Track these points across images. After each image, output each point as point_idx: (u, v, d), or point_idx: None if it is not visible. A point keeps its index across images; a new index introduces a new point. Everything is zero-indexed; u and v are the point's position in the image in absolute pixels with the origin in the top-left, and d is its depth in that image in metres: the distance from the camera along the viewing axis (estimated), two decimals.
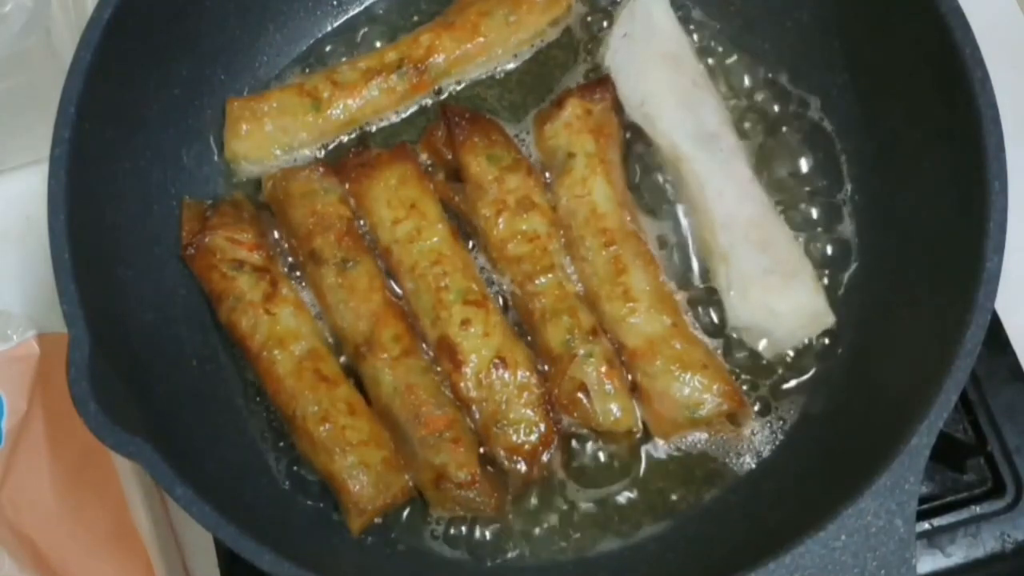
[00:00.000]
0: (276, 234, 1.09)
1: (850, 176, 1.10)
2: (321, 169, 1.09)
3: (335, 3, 1.21)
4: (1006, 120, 0.89)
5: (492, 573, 1.00)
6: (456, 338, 1.01)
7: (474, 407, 1.01)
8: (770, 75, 1.14)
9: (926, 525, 1.01)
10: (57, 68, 0.98)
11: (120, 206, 1.01)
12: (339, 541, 0.99)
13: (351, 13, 1.21)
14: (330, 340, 1.06)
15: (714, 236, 1.06)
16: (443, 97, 1.16)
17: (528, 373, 1.01)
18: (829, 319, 1.04)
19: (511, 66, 1.17)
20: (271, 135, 1.12)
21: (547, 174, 1.11)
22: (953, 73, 0.92)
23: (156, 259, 1.05)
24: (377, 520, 1.00)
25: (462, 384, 1.01)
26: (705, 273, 1.08)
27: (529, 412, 1.00)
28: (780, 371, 1.05)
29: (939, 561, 1.01)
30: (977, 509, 1.02)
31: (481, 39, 1.15)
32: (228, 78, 1.15)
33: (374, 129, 1.15)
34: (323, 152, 1.15)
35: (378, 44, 1.19)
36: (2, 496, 1.09)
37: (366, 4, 1.21)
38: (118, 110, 1.00)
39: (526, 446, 0.99)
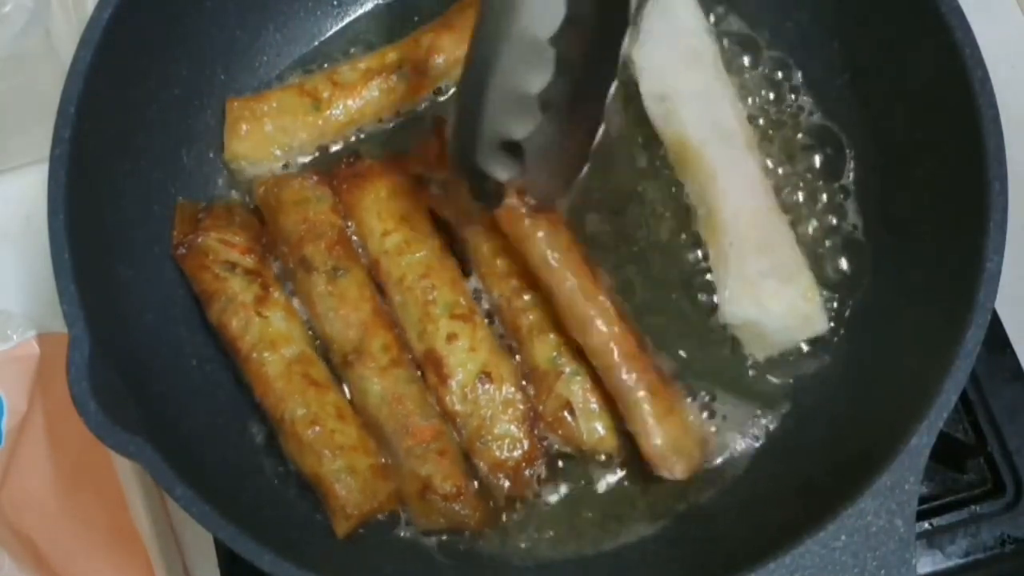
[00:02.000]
0: (267, 239, 1.08)
1: (850, 176, 1.10)
2: (315, 177, 1.08)
3: (335, 3, 1.21)
4: (1006, 120, 0.89)
5: (492, 573, 1.00)
6: (442, 352, 1.01)
7: (459, 421, 1.01)
8: (770, 75, 1.14)
9: (926, 525, 1.01)
10: (57, 68, 0.99)
11: (120, 206, 1.01)
12: (339, 541, 0.99)
13: (351, 14, 1.21)
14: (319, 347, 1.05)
15: (716, 233, 1.06)
16: (442, 99, 1.16)
17: (513, 389, 1.01)
18: (820, 326, 1.04)
19: None
20: (271, 135, 1.12)
21: None
22: (953, 73, 0.92)
23: (156, 259, 1.05)
24: (381, 517, 1.00)
25: (447, 398, 1.00)
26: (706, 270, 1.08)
27: (513, 428, 1.00)
28: (780, 370, 1.05)
29: (939, 561, 1.01)
30: (977, 509, 1.02)
31: None
32: (228, 78, 1.15)
33: (372, 132, 1.15)
34: (322, 154, 1.14)
35: (378, 45, 1.19)
36: (2, 496, 1.08)
37: (366, 5, 1.21)
38: (118, 110, 1.00)
39: (509, 462, 0.99)
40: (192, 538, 1.12)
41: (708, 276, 1.08)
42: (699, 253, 1.09)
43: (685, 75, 1.11)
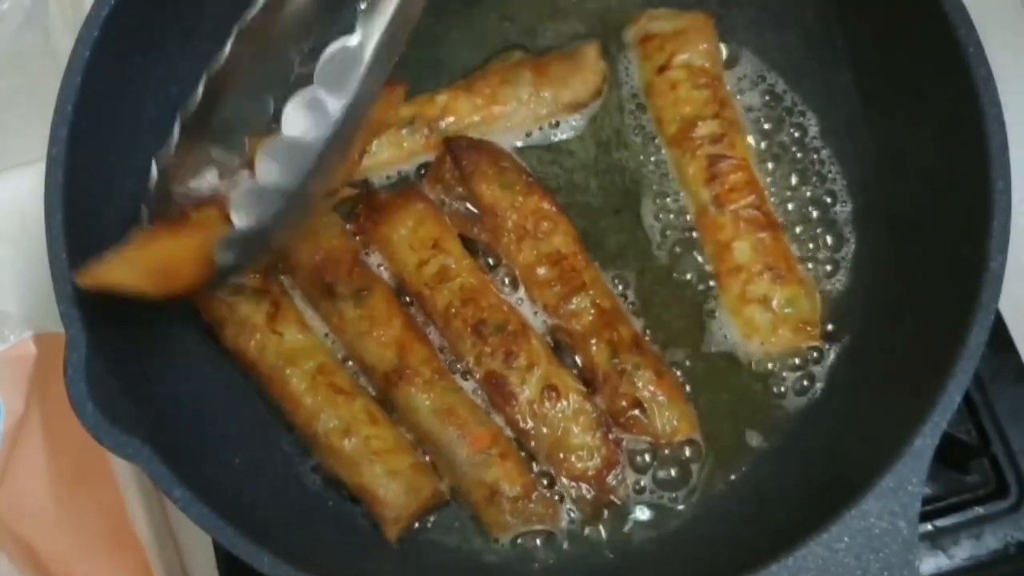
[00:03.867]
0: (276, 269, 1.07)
1: (852, 176, 1.09)
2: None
3: None
4: (1010, 119, 0.89)
5: (488, 573, 1.00)
6: (503, 372, 1.00)
7: (532, 440, 1.00)
8: (772, 73, 1.14)
9: (929, 526, 1.01)
10: (55, 66, 0.98)
11: (118, 206, 1.00)
12: (340, 542, 0.99)
13: None
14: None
15: (712, 230, 1.06)
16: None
17: (579, 398, 1.00)
18: (815, 330, 1.04)
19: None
20: None
21: None
22: (956, 71, 0.91)
23: None
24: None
25: (516, 417, 1.00)
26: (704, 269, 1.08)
27: (587, 437, 0.99)
28: (781, 372, 1.05)
29: (942, 563, 1.01)
30: (981, 510, 1.01)
31: (497, 107, 1.10)
32: None
33: (377, 184, 1.12)
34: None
35: None
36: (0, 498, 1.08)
37: None
38: (116, 109, 0.99)
39: (590, 472, 0.99)
40: (190, 540, 1.11)
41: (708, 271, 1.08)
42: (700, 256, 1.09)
43: None
